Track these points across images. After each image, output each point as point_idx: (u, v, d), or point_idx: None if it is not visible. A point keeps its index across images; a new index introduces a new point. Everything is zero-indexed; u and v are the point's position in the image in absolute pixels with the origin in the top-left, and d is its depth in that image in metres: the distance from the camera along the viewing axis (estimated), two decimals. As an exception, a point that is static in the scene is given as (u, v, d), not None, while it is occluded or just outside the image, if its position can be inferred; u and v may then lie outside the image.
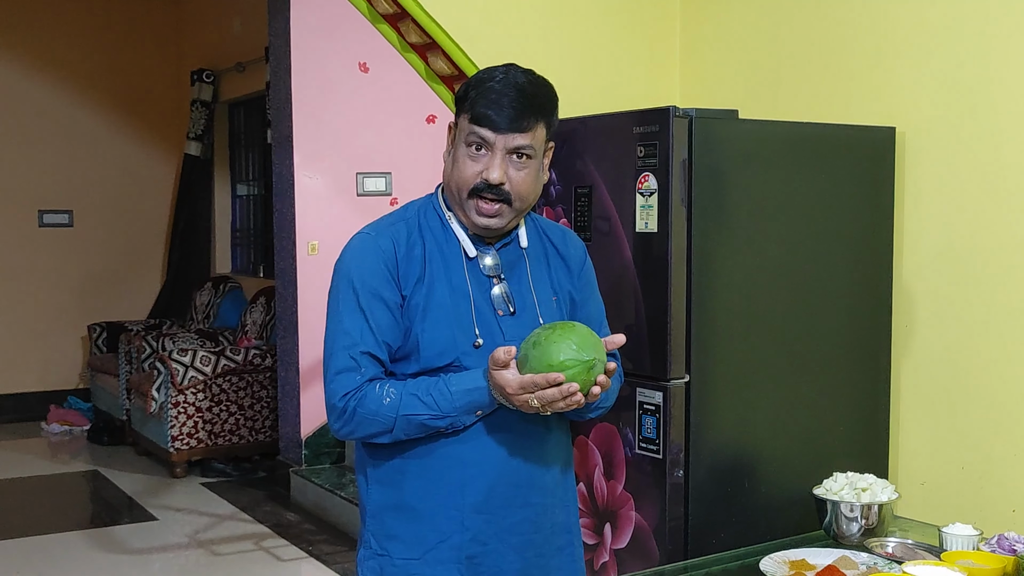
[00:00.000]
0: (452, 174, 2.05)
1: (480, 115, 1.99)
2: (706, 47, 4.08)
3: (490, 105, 1.98)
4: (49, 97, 8.54)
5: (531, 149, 2.02)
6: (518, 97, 1.99)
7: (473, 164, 2.01)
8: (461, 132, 2.03)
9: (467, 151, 2.01)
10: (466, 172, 2.01)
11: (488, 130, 1.99)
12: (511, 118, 1.98)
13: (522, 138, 2.00)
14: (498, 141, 1.99)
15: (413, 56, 3.83)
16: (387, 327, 2.02)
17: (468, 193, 2.02)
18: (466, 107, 2.02)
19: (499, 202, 2.01)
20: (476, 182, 2.01)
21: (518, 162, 2.01)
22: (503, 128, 1.98)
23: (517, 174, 2.01)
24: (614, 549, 3.15)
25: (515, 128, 1.99)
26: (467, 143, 2.01)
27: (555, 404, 1.91)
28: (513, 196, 2.02)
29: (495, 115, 1.98)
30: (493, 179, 1.99)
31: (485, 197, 2.01)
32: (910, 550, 2.47)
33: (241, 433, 6.77)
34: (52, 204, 8.60)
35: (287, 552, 5.27)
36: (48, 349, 8.59)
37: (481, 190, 2.01)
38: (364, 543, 2.14)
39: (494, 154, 2.00)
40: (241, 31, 7.94)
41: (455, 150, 2.05)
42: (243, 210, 8.63)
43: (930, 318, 3.33)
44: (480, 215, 2.03)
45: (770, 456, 3.13)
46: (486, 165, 2.00)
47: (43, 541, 5.47)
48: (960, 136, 3.23)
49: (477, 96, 2.00)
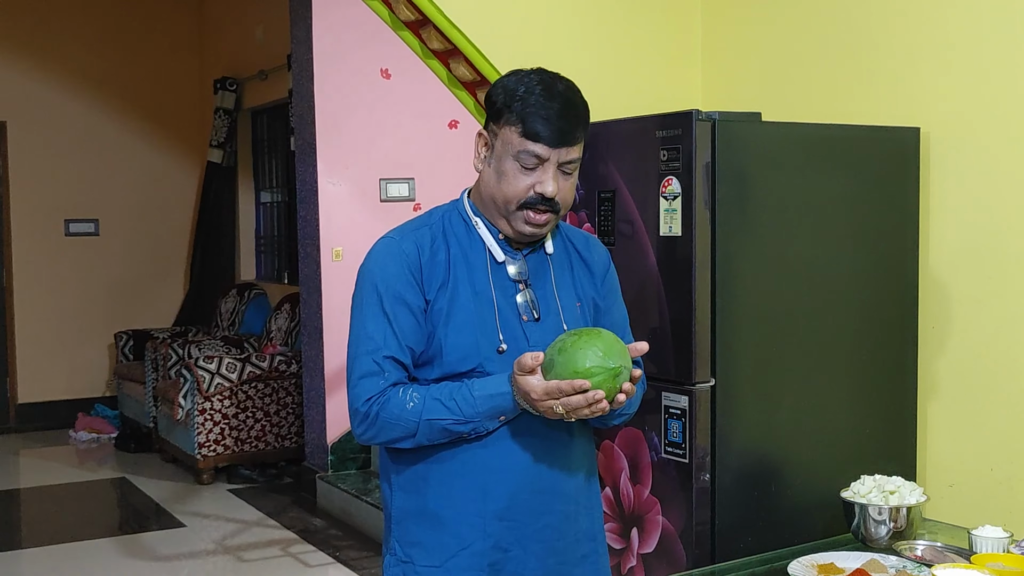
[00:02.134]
0: (499, 187, 2.03)
1: (533, 132, 1.98)
2: (728, 49, 4.07)
3: (540, 121, 1.98)
4: (73, 108, 8.60)
5: (578, 161, 2.04)
6: (567, 108, 2.00)
7: (524, 178, 2.01)
8: (508, 146, 2.01)
9: (516, 166, 2.01)
10: (518, 186, 2.01)
11: (543, 146, 1.99)
12: (564, 131, 1.99)
13: (575, 151, 2.02)
14: (552, 156, 2.00)
15: (435, 62, 3.84)
16: (411, 331, 2.02)
17: (518, 206, 2.02)
18: (512, 120, 2.00)
19: (549, 212, 2.03)
20: (528, 195, 2.01)
21: (566, 174, 2.03)
22: (556, 144, 1.99)
23: (564, 184, 2.03)
24: (641, 554, 3.14)
25: (568, 142, 2.00)
26: (517, 158, 2.01)
27: (580, 411, 1.90)
28: (561, 206, 2.04)
29: (549, 131, 1.98)
30: (549, 193, 2.00)
31: (538, 208, 2.02)
32: (939, 553, 2.45)
33: (267, 439, 6.80)
34: (78, 213, 8.66)
35: (314, 558, 5.29)
36: (75, 357, 8.65)
37: (534, 203, 2.01)
38: (389, 549, 2.14)
39: (546, 168, 2.00)
40: (263, 39, 7.98)
41: (499, 163, 2.03)
42: (267, 217, 8.66)
43: (956, 319, 3.31)
44: (530, 225, 2.03)
45: (797, 459, 3.12)
46: (538, 179, 2.00)
47: (72, 548, 5.51)
48: (985, 136, 3.21)
49: (524, 110, 1.99)
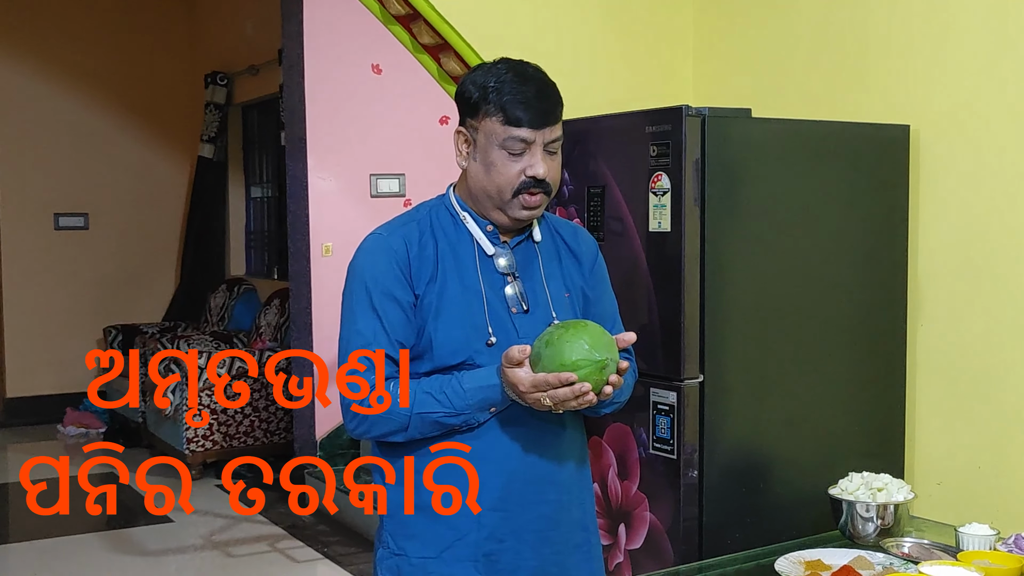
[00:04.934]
0: (489, 179, 2.04)
1: (515, 118, 1.99)
2: (719, 46, 4.07)
3: (520, 106, 1.99)
4: (63, 101, 8.57)
5: (560, 139, 2.06)
6: (542, 89, 2.03)
7: (514, 164, 2.02)
8: (492, 137, 2.01)
9: (504, 154, 2.01)
10: (509, 173, 2.02)
11: (527, 129, 2.00)
12: (545, 111, 2.01)
13: (557, 130, 2.04)
14: (538, 137, 2.01)
15: (426, 57, 3.83)
16: (400, 327, 2.03)
17: (512, 193, 2.03)
18: (491, 111, 2.01)
19: (541, 192, 2.04)
20: (521, 180, 2.02)
21: (551, 153, 2.04)
22: (540, 125, 2.00)
23: (552, 164, 2.05)
24: (628, 549, 3.14)
25: (550, 121, 2.02)
26: (503, 147, 2.01)
27: (567, 403, 1.91)
28: (552, 186, 2.05)
29: (530, 114, 1.99)
30: (541, 175, 2.01)
31: (531, 191, 2.03)
32: (926, 550, 2.46)
33: (256, 435, 6.79)
34: (67, 207, 8.62)
35: (302, 553, 5.28)
36: (64, 352, 8.61)
37: (527, 187, 2.02)
38: (382, 543, 2.14)
39: (533, 152, 2.01)
40: (254, 34, 7.95)
41: (485, 155, 2.03)
42: (257, 212, 8.64)
43: (945, 317, 3.31)
44: (526, 208, 2.04)
45: (785, 456, 3.12)
46: (528, 163, 2.01)
47: (60, 543, 5.49)
48: (974, 134, 3.21)
49: (501, 99, 1.99)
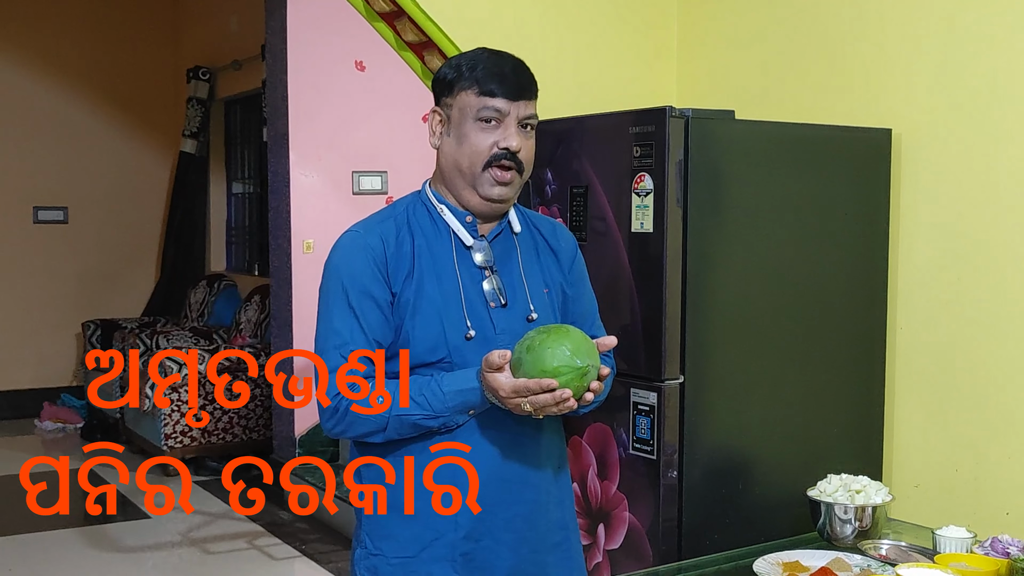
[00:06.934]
0: (461, 151, 2.03)
1: (490, 89, 2.00)
2: (703, 47, 4.08)
3: (495, 77, 2.00)
4: (44, 94, 8.51)
5: (535, 118, 2.05)
6: (518, 65, 2.04)
7: (487, 136, 2.01)
8: (467, 110, 2.01)
9: (477, 126, 2.01)
10: (481, 145, 2.01)
11: (502, 99, 2.00)
12: (521, 86, 2.02)
13: (533, 106, 2.04)
14: (512, 110, 2.01)
15: (409, 54, 3.82)
16: (378, 325, 2.02)
17: (483, 166, 2.02)
18: (467, 85, 2.01)
19: (513, 169, 2.03)
20: (493, 152, 2.01)
21: (525, 132, 2.04)
22: (515, 96, 2.01)
23: (526, 143, 2.04)
24: (607, 550, 3.14)
25: (526, 96, 2.03)
26: (477, 118, 2.01)
27: (547, 409, 1.91)
28: (524, 165, 2.04)
29: (506, 85, 2.00)
30: (513, 146, 2.01)
31: (502, 164, 2.02)
32: (904, 552, 2.47)
33: (235, 432, 6.76)
34: (47, 201, 8.57)
35: (280, 551, 5.26)
36: (42, 346, 8.56)
37: (499, 159, 2.01)
38: (359, 543, 2.13)
39: (507, 124, 2.01)
40: (238, 29, 7.92)
41: (459, 129, 2.03)
42: (238, 208, 8.60)
43: (925, 320, 3.33)
44: (497, 184, 2.03)
45: (764, 457, 3.13)
46: (501, 135, 2.01)
47: (37, 539, 5.45)
48: (956, 138, 3.23)
49: (477, 73, 2.00)
